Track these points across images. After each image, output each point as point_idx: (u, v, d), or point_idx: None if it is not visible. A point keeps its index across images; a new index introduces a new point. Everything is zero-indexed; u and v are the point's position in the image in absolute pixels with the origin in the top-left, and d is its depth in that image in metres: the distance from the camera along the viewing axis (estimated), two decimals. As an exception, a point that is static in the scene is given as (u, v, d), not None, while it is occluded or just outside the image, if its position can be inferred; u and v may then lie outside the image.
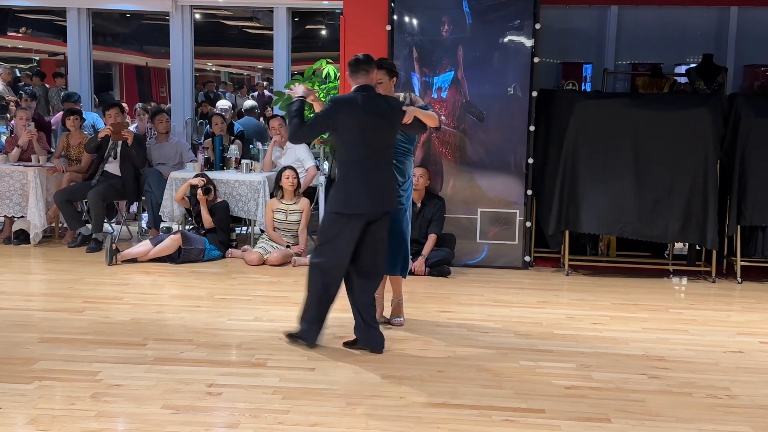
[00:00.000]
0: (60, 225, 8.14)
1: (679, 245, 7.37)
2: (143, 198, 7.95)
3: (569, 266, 6.98)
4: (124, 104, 9.45)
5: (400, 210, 4.87)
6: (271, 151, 7.90)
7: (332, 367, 4.39)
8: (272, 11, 9.19)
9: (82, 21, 9.35)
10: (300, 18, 14.90)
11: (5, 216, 7.79)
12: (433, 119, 4.82)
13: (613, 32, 8.39)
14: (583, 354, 4.72)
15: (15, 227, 7.84)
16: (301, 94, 4.68)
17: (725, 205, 6.84)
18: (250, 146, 8.40)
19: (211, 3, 10.64)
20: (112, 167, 7.79)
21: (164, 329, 5.03)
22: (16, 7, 12.96)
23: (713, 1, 8.21)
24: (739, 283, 6.76)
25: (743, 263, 6.83)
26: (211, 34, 18.02)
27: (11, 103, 11.10)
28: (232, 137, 8.47)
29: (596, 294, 6.28)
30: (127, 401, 3.80)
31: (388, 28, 6.99)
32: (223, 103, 10.37)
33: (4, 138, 8.99)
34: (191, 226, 7.55)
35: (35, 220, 7.57)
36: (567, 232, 6.94)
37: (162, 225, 8.03)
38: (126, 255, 6.92)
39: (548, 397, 4.00)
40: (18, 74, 15.04)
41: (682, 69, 8.33)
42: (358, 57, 4.62)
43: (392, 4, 6.97)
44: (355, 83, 4.59)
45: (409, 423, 3.63)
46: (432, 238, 6.75)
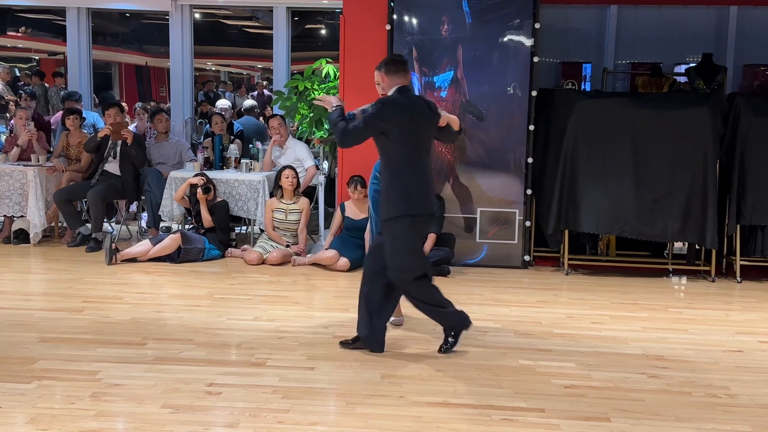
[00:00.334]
0: (59, 224, 8.14)
1: (678, 244, 7.38)
2: (143, 197, 7.95)
3: (569, 266, 6.98)
4: (123, 104, 9.46)
5: None
6: (270, 150, 7.90)
7: (332, 367, 4.39)
8: (272, 11, 9.19)
9: (81, 20, 9.35)
10: (300, 17, 14.89)
11: (5, 215, 7.79)
12: (457, 123, 4.84)
13: (612, 32, 8.39)
14: (582, 353, 4.72)
15: (15, 227, 7.84)
16: (337, 103, 4.60)
17: (725, 205, 6.84)
18: (250, 146, 8.40)
19: (210, 2, 10.63)
20: (112, 167, 7.79)
21: (164, 329, 5.03)
22: (16, 7, 12.96)
23: (713, 1, 8.20)
24: (738, 282, 6.76)
25: (743, 262, 6.83)
26: (211, 33, 18.01)
27: (11, 103, 11.10)
28: (231, 137, 8.47)
29: (596, 293, 6.29)
30: (126, 401, 3.81)
31: (388, 27, 6.99)
32: (223, 103, 10.36)
33: (3, 137, 8.99)
34: (191, 226, 7.55)
35: (35, 220, 7.58)
36: (566, 232, 6.95)
37: (161, 224, 8.04)
38: (125, 254, 6.92)
39: (548, 396, 4.00)
40: (17, 74, 15.04)
41: (682, 68, 8.33)
42: (396, 57, 4.65)
43: (392, 4, 6.97)
44: (394, 84, 4.54)
45: (408, 422, 3.63)
46: (431, 237, 6.75)
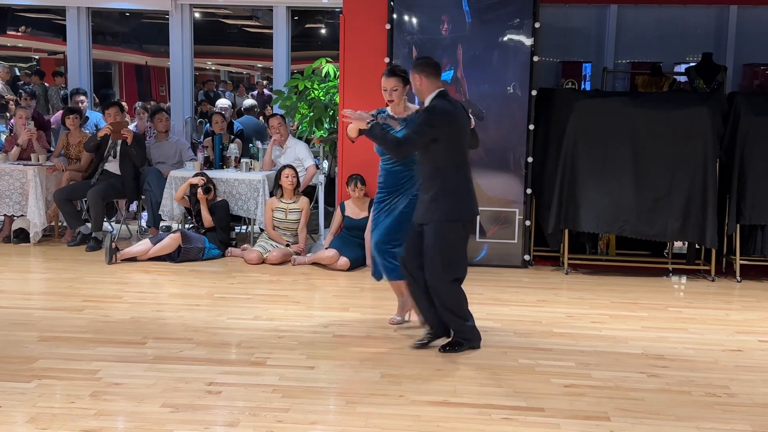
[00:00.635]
0: (59, 224, 8.14)
1: (678, 244, 7.38)
2: (143, 197, 7.95)
3: (569, 265, 6.98)
4: (123, 103, 9.45)
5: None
6: (270, 149, 7.90)
7: (332, 366, 4.40)
8: (272, 10, 9.19)
9: (81, 20, 9.36)
10: (299, 17, 14.90)
11: (5, 215, 7.79)
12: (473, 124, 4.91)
13: (612, 31, 8.39)
14: (582, 352, 4.72)
15: (15, 226, 7.85)
16: (369, 119, 4.57)
17: (725, 204, 6.84)
18: (250, 145, 8.39)
19: (210, 2, 10.63)
20: (112, 166, 7.79)
21: (164, 328, 5.03)
22: (16, 6, 12.95)
23: (713, 0, 8.20)
24: (738, 281, 6.76)
25: (742, 262, 6.83)
26: (211, 33, 18.01)
27: (11, 102, 11.09)
28: (231, 136, 8.47)
29: (595, 293, 6.29)
30: (126, 400, 3.81)
31: (388, 27, 6.98)
32: (223, 102, 10.36)
33: (3, 137, 8.98)
34: (191, 225, 7.56)
35: (35, 219, 7.58)
36: (566, 231, 6.95)
37: (161, 224, 8.03)
38: (125, 254, 6.92)
39: (547, 395, 4.01)
40: (17, 73, 15.02)
41: (682, 68, 8.33)
42: (431, 60, 4.67)
43: (392, 3, 6.97)
44: (432, 87, 4.55)
45: (408, 421, 3.63)
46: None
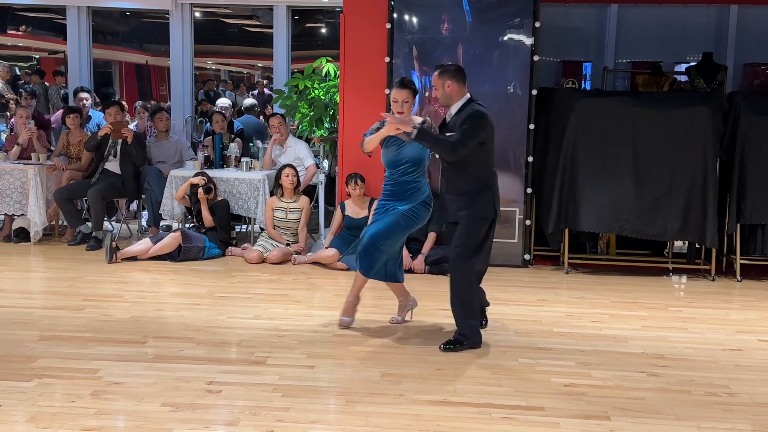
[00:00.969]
0: (60, 223, 8.14)
1: (678, 243, 7.38)
2: (143, 196, 7.95)
3: (569, 264, 6.98)
4: (123, 102, 9.46)
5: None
6: (270, 149, 7.90)
7: (332, 365, 4.40)
8: (272, 9, 9.19)
9: (81, 19, 9.36)
10: (300, 16, 14.90)
11: (5, 214, 7.79)
12: None
13: (613, 30, 8.39)
14: (582, 352, 4.72)
15: (15, 225, 7.86)
16: (414, 124, 4.63)
17: (725, 204, 6.84)
18: (250, 144, 8.40)
19: (211, 1, 10.63)
20: (112, 165, 7.79)
21: (164, 327, 5.03)
22: (16, 5, 12.95)
23: (713, 0, 8.20)
24: (738, 281, 6.76)
25: (743, 261, 6.83)
26: (211, 32, 18.01)
27: (11, 102, 11.09)
28: (232, 135, 8.47)
29: (596, 292, 6.29)
30: (126, 399, 3.81)
31: (388, 26, 6.98)
32: (223, 102, 10.36)
33: (4, 136, 8.98)
34: (191, 225, 7.56)
35: (35, 218, 7.58)
36: (566, 231, 6.95)
37: (162, 223, 8.04)
38: (126, 253, 6.93)
39: (547, 394, 4.01)
40: (18, 72, 15.03)
41: (682, 67, 8.32)
42: (459, 66, 4.84)
43: (392, 3, 6.97)
44: (462, 93, 4.75)
45: (408, 421, 3.63)
46: (432, 236, 6.76)
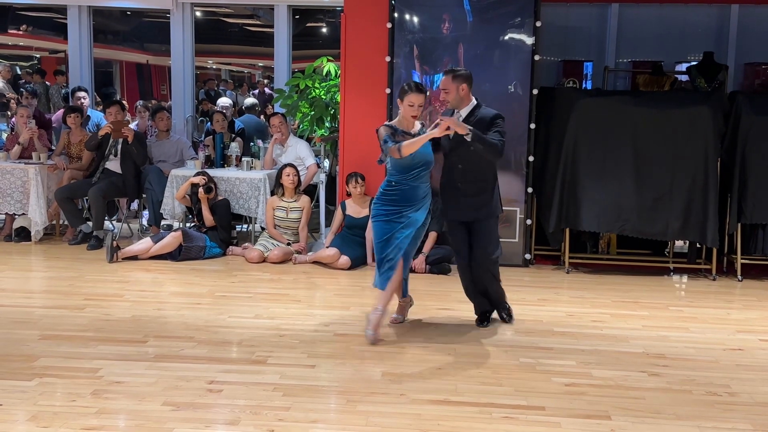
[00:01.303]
0: (61, 222, 8.15)
1: (679, 243, 7.37)
2: (144, 195, 7.95)
3: (569, 264, 6.98)
4: (124, 102, 9.46)
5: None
6: (271, 148, 7.90)
7: (332, 365, 4.40)
8: (273, 9, 9.19)
9: (82, 18, 9.36)
10: (301, 16, 14.91)
11: (6, 213, 7.79)
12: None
13: (613, 30, 8.38)
14: (583, 351, 4.72)
15: (16, 224, 7.86)
16: (463, 125, 4.70)
17: (725, 203, 6.84)
18: (251, 144, 8.40)
19: (211, 1, 10.64)
20: (113, 165, 7.80)
21: (165, 326, 5.03)
22: (17, 5, 12.96)
23: (714, -1, 8.21)
24: (739, 280, 6.76)
25: (743, 261, 6.83)
26: (212, 31, 18.02)
27: (12, 101, 11.10)
28: (232, 135, 8.48)
29: (596, 291, 6.29)
30: (127, 398, 3.81)
31: (389, 25, 6.98)
32: (224, 101, 10.36)
33: (4, 135, 8.99)
34: (192, 224, 7.56)
35: (36, 218, 7.58)
36: (567, 230, 6.95)
37: (163, 222, 8.04)
38: (127, 252, 6.93)
39: (548, 394, 4.01)
40: (18, 72, 15.04)
41: (683, 67, 8.32)
42: (470, 71, 5.03)
43: (393, 2, 6.97)
44: (470, 97, 4.98)
45: (409, 420, 3.63)
46: (432, 236, 6.75)
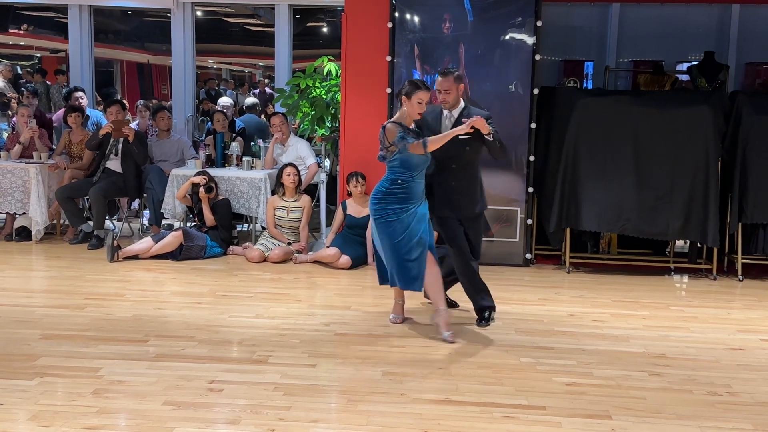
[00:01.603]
0: (61, 222, 8.15)
1: (680, 243, 7.37)
2: (144, 195, 7.95)
3: (570, 263, 6.98)
4: (125, 101, 9.46)
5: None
6: (272, 148, 7.90)
7: (333, 364, 4.40)
8: (273, 8, 9.19)
9: (83, 18, 9.36)
10: (301, 15, 14.91)
11: (7, 213, 7.80)
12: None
13: (614, 29, 8.38)
14: (583, 351, 4.72)
15: (17, 224, 7.86)
16: (482, 123, 4.87)
17: (726, 203, 6.84)
18: (252, 143, 8.40)
19: (212, 0, 10.64)
20: (114, 164, 7.80)
21: (165, 326, 5.04)
22: (18, 4, 12.96)
23: (715, -1, 8.21)
24: (740, 280, 6.76)
25: (744, 261, 6.83)
26: (213, 31, 18.02)
27: (13, 100, 11.10)
28: (233, 134, 8.48)
29: (597, 291, 6.29)
30: (128, 397, 3.81)
31: (390, 25, 6.98)
32: (225, 101, 10.36)
33: (5, 135, 9.00)
34: (193, 224, 7.56)
35: (37, 217, 7.58)
36: (568, 230, 6.95)
37: (163, 222, 8.04)
38: (127, 252, 6.93)
39: (549, 393, 4.01)
40: (19, 71, 15.04)
41: (684, 66, 8.32)
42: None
43: (393, 2, 6.96)
44: (461, 95, 5.14)
45: (409, 419, 3.63)
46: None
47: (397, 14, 6.98)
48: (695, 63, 8.05)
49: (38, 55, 18.09)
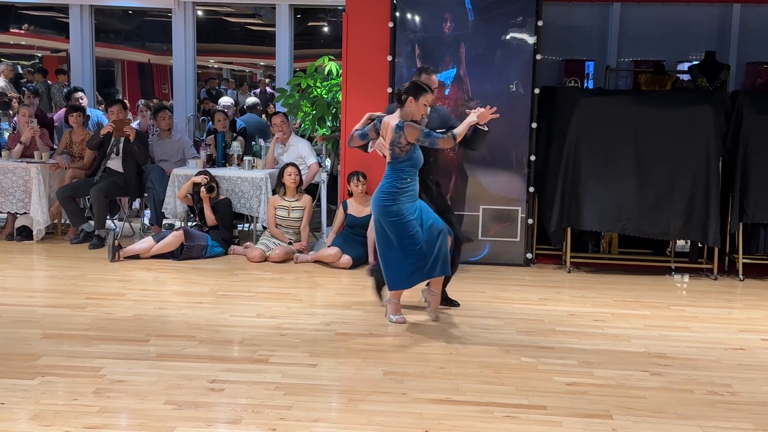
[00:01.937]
0: (62, 221, 8.15)
1: (681, 242, 7.37)
2: (145, 195, 7.96)
3: (571, 263, 6.98)
4: (126, 101, 9.46)
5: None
6: (273, 147, 7.90)
7: (334, 364, 4.40)
8: (274, 8, 9.19)
9: (84, 18, 9.36)
10: (302, 15, 14.90)
11: (8, 212, 7.81)
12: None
13: (615, 29, 8.38)
14: (584, 351, 4.72)
15: (18, 223, 7.87)
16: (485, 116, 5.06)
17: (727, 203, 6.83)
18: (252, 143, 8.40)
19: (213, 0, 10.64)
20: (115, 164, 7.80)
21: (166, 325, 5.04)
22: (19, 4, 12.96)
23: (716, -1, 8.20)
24: (740, 280, 6.76)
25: (745, 260, 6.83)
26: (214, 31, 18.02)
27: (14, 100, 11.10)
28: (234, 134, 8.48)
29: (598, 291, 6.29)
30: (129, 397, 3.82)
31: (390, 24, 6.98)
32: (226, 100, 10.36)
33: (6, 134, 9.00)
34: (194, 223, 7.56)
35: (38, 217, 7.59)
36: (569, 229, 6.95)
37: (164, 221, 8.04)
38: (128, 251, 6.93)
39: (550, 393, 4.01)
40: (20, 71, 15.04)
41: (685, 66, 8.32)
42: None
43: (394, 1, 6.96)
44: None
45: (410, 419, 3.64)
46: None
47: (398, 14, 6.98)
48: (696, 63, 8.05)
49: (39, 55, 18.10)
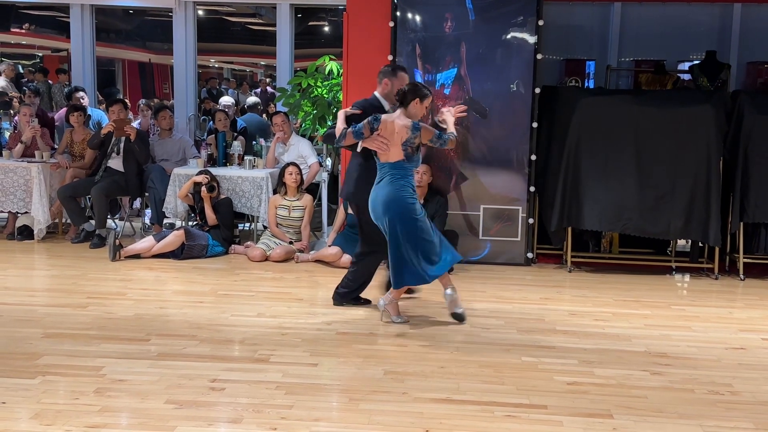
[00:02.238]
0: (63, 221, 8.16)
1: (681, 242, 7.37)
2: (146, 194, 7.96)
3: (572, 263, 6.98)
4: (126, 100, 9.47)
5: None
6: (273, 147, 7.91)
7: (335, 363, 4.41)
8: (275, 8, 9.19)
9: (85, 17, 9.37)
10: (303, 14, 14.91)
11: (9, 212, 7.81)
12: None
13: (616, 29, 8.39)
14: (585, 350, 4.72)
15: (19, 223, 7.87)
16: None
17: (728, 202, 6.83)
18: (253, 142, 8.41)
19: (214, -1, 10.66)
20: (115, 163, 7.81)
21: (167, 325, 5.04)
22: (20, 3, 12.96)
23: (717, -2, 8.21)
24: (741, 280, 6.76)
25: (746, 260, 6.83)
26: (214, 30, 18.03)
27: (14, 100, 11.11)
28: (235, 133, 8.48)
29: (598, 290, 6.29)
30: (130, 396, 3.82)
31: (391, 24, 6.98)
32: (226, 100, 10.38)
33: (7, 134, 9.01)
34: (194, 223, 7.57)
35: (39, 216, 7.60)
36: (569, 229, 6.95)
37: (165, 221, 8.04)
38: (129, 251, 6.94)
39: (550, 393, 4.01)
40: (21, 70, 15.04)
41: (686, 66, 8.33)
42: None
43: (395, 1, 6.97)
44: None
45: (411, 418, 3.64)
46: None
47: (398, 13, 6.99)
48: (697, 62, 8.06)
49: (40, 54, 18.11)
